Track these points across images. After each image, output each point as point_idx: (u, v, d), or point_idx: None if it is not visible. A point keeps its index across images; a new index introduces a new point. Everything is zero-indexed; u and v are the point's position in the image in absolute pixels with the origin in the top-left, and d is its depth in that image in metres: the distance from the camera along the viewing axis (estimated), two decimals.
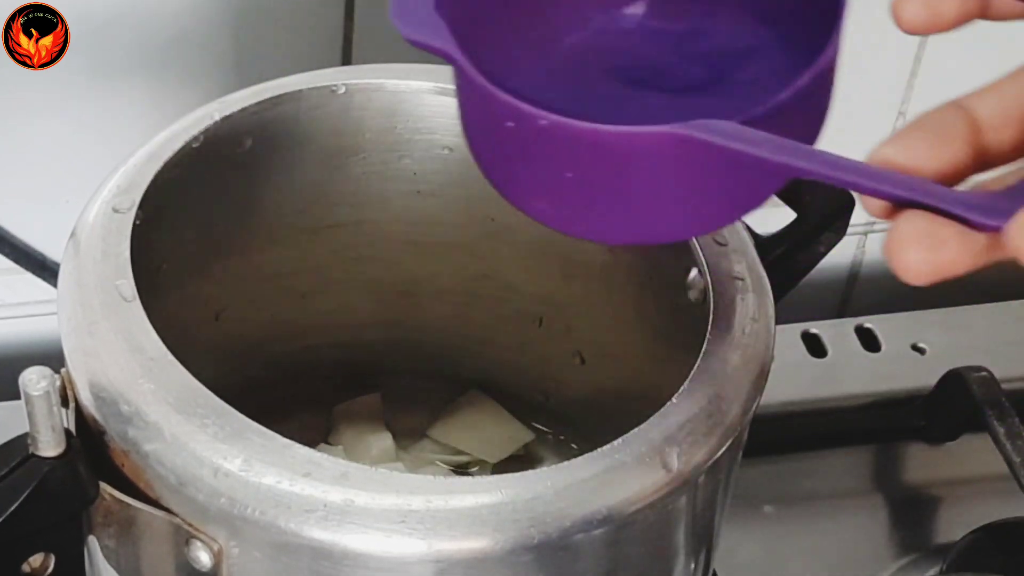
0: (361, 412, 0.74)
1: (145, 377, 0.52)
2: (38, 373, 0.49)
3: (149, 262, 0.59)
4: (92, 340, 0.54)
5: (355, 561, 0.50)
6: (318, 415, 0.74)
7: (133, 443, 0.51)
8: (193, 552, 0.51)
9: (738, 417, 0.54)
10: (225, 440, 0.51)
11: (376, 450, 0.73)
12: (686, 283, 0.62)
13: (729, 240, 0.60)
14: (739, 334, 0.57)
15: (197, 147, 0.61)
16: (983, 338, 0.88)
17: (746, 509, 0.78)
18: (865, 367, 0.86)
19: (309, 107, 0.64)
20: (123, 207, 0.58)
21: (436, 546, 0.49)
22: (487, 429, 0.74)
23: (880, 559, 0.79)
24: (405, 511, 0.49)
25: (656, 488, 0.51)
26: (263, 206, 0.67)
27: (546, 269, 0.70)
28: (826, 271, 0.93)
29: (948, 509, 0.82)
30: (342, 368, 0.75)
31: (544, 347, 0.73)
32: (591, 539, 0.51)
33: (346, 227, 0.70)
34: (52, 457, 0.51)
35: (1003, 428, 0.79)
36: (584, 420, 0.73)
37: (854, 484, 0.82)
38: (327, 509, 0.49)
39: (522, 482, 0.50)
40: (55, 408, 0.50)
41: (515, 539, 0.50)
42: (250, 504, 0.50)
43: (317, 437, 0.74)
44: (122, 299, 0.55)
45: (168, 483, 0.51)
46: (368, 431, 0.73)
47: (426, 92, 0.65)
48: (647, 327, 0.67)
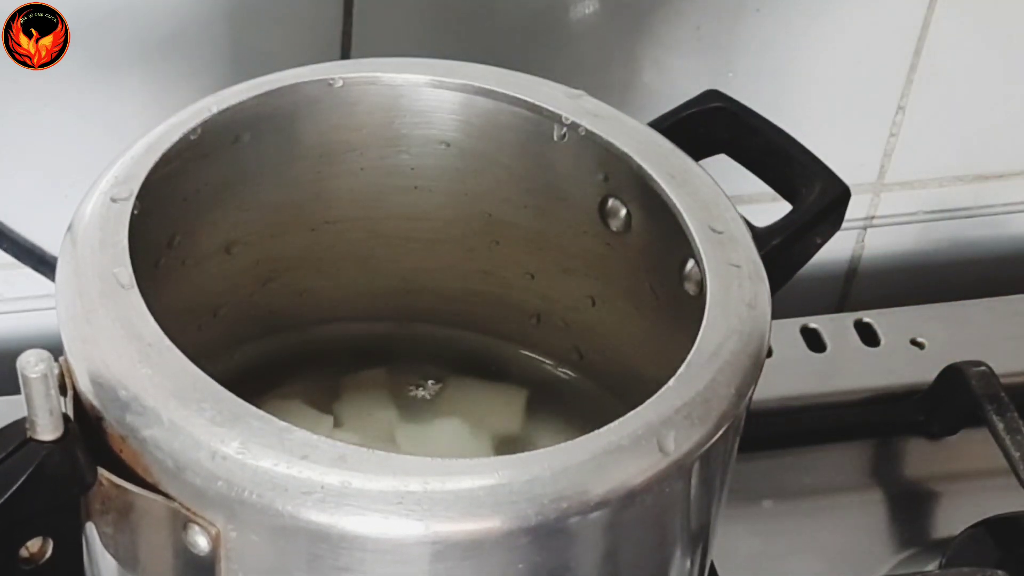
0: (367, 384, 0.74)
1: (143, 363, 0.53)
2: (36, 355, 0.50)
3: (147, 255, 0.59)
4: (90, 327, 0.54)
5: (353, 543, 0.50)
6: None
7: (131, 428, 0.51)
8: (191, 537, 0.52)
9: (735, 401, 0.54)
10: (222, 424, 0.51)
11: (381, 422, 0.72)
12: (683, 275, 0.63)
13: (725, 228, 0.60)
14: (735, 320, 0.57)
15: (195, 140, 0.61)
16: (982, 333, 0.88)
17: (745, 503, 0.78)
18: (864, 362, 0.86)
19: (306, 101, 0.64)
20: (121, 196, 0.58)
21: (434, 528, 0.49)
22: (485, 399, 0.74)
23: (879, 553, 0.79)
24: (402, 493, 0.49)
25: (653, 470, 0.52)
26: (260, 200, 0.67)
27: (543, 264, 0.70)
28: (825, 265, 0.94)
29: (947, 504, 0.82)
30: (340, 364, 0.75)
31: (542, 342, 0.73)
32: (588, 521, 0.51)
33: (343, 222, 0.70)
34: (50, 441, 0.51)
35: (1002, 423, 0.79)
36: (582, 414, 0.73)
37: (853, 479, 0.82)
38: (324, 491, 0.49)
39: (519, 464, 0.51)
40: (53, 391, 0.50)
41: (512, 521, 0.50)
42: (247, 487, 0.50)
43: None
44: (120, 287, 0.55)
45: (166, 467, 0.51)
46: (373, 404, 0.73)
47: (424, 86, 0.65)
48: (645, 320, 0.67)
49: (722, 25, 0.85)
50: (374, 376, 0.72)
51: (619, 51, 0.85)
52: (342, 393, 0.72)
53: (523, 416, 0.71)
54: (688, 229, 0.60)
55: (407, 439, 0.70)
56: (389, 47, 0.69)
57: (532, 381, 0.73)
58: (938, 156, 0.94)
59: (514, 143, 0.66)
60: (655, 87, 0.86)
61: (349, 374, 0.72)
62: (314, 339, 0.73)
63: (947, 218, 0.96)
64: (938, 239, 0.97)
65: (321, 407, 0.70)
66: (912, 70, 0.88)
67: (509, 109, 0.64)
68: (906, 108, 0.90)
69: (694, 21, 0.85)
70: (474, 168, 0.68)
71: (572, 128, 0.63)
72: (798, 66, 0.88)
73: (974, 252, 0.97)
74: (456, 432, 0.70)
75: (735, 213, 0.62)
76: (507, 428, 0.71)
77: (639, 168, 0.62)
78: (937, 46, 0.88)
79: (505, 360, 0.74)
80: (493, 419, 0.71)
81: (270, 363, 0.72)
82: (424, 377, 0.72)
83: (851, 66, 0.88)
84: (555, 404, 0.73)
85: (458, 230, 0.70)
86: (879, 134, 0.91)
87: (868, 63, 0.87)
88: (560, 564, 0.53)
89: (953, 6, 0.87)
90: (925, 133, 0.92)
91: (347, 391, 0.72)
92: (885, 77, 0.89)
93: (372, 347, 0.74)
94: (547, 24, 0.83)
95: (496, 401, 0.72)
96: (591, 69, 0.85)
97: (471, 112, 0.65)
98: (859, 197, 0.92)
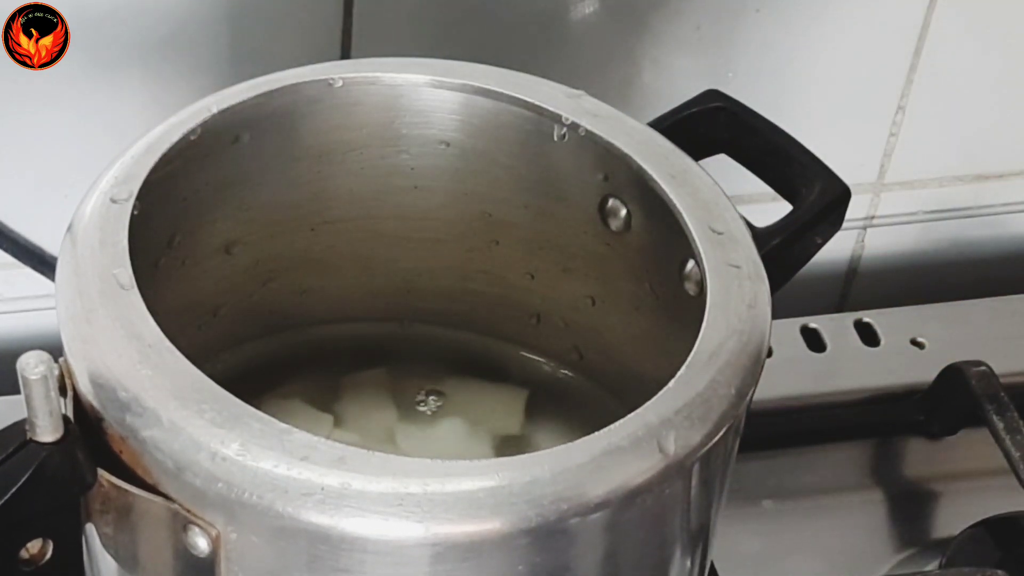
0: (367, 384, 0.74)
1: (143, 364, 0.52)
2: (36, 357, 0.50)
3: (146, 255, 0.59)
4: (90, 328, 0.54)
5: (352, 545, 0.50)
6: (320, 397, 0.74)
7: (131, 429, 0.51)
8: (191, 538, 0.52)
9: (735, 402, 0.54)
10: (222, 425, 0.51)
11: (381, 422, 0.72)
12: (683, 275, 0.63)
13: (725, 229, 0.60)
14: (735, 320, 0.57)
15: (195, 140, 0.61)
16: (982, 333, 0.88)
17: (745, 503, 0.78)
18: (864, 362, 0.86)
19: (306, 101, 0.64)
20: (121, 197, 0.58)
21: (433, 529, 0.49)
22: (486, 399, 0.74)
23: (879, 553, 0.79)
24: (402, 494, 0.49)
25: (653, 471, 0.51)
26: (260, 200, 0.67)
27: (543, 264, 0.70)
28: (825, 265, 0.94)
29: (947, 503, 0.82)
30: (340, 364, 0.75)
31: (542, 343, 0.73)
32: (588, 522, 0.51)
33: (343, 222, 0.70)
34: (50, 442, 0.51)
35: (1002, 423, 0.79)
36: (582, 415, 0.73)
37: (853, 479, 0.82)
38: (324, 493, 0.49)
39: (519, 465, 0.51)
40: (52, 393, 0.50)
41: (512, 522, 0.50)
42: (247, 488, 0.50)
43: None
44: (120, 287, 0.55)
45: (166, 468, 0.51)
46: (373, 405, 0.73)
47: (424, 86, 0.65)
48: (645, 321, 0.67)
49: (722, 25, 0.85)
50: (374, 376, 0.72)
51: (619, 51, 0.85)
52: (342, 393, 0.72)
53: (523, 416, 0.71)
54: (688, 229, 0.60)
55: (407, 439, 0.70)
56: (389, 47, 0.69)
57: (532, 381, 0.73)
58: (938, 156, 0.94)
59: (514, 143, 0.65)
60: (655, 87, 0.86)
61: (349, 374, 0.72)
62: (314, 339, 0.74)
63: (947, 218, 0.96)
64: (938, 239, 0.97)
65: (321, 407, 0.70)
66: (912, 70, 0.88)
67: (509, 109, 0.64)
68: (906, 108, 0.90)
69: (694, 21, 0.85)
70: (474, 168, 0.67)
71: (572, 128, 0.63)
72: (798, 66, 0.88)
73: (974, 252, 0.97)
74: (456, 432, 0.70)
75: (735, 213, 0.62)
76: (507, 428, 0.71)
77: (639, 168, 0.62)
78: (937, 46, 0.88)
79: (505, 360, 0.74)
80: (493, 419, 0.71)
81: (270, 363, 0.72)
82: (424, 377, 0.72)
83: (851, 66, 0.88)
84: (555, 404, 0.73)
85: (458, 230, 0.70)
86: (879, 134, 0.91)
87: (868, 63, 0.87)
88: (560, 565, 0.53)
89: (953, 6, 0.87)
90: (925, 133, 0.92)
91: (347, 391, 0.72)
92: (885, 77, 0.89)
93: (372, 347, 0.74)
94: (547, 24, 0.83)
95: (496, 402, 0.72)
96: (591, 69, 0.85)
97: (471, 112, 0.65)
98: (859, 197, 0.92)
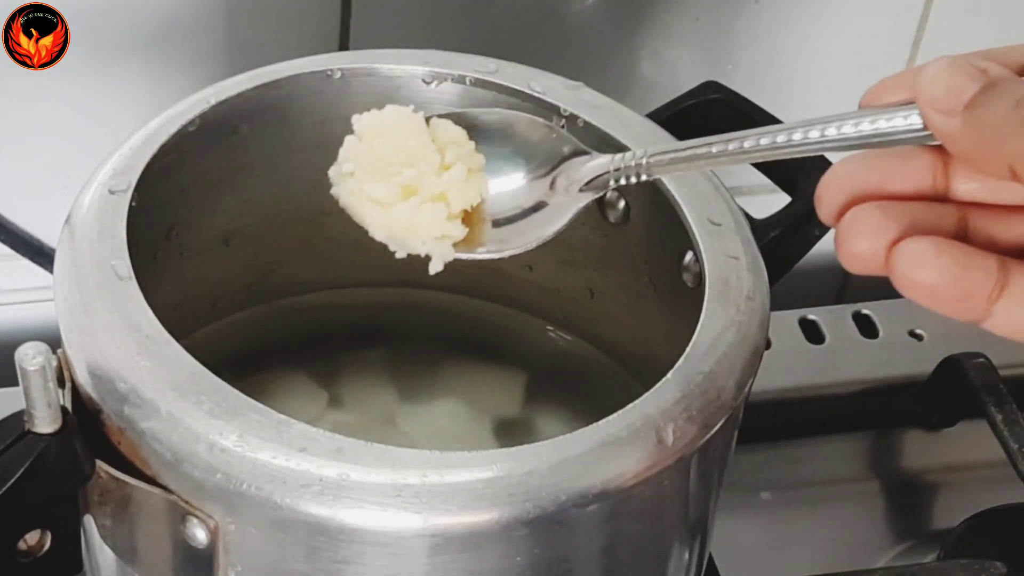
0: (366, 365, 0.74)
1: (141, 355, 0.53)
2: (34, 348, 0.50)
3: (145, 247, 0.59)
4: (88, 319, 0.54)
5: (351, 536, 0.50)
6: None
7: (129, 420, 0.51)
8: (189, 529, 0.52)
9: (733, 394, 0.54)
10: (221, 416, 0.51)
11: (380, 403, 0.72)
12: (681, 267, 0.63)
13: (724, 220, 0.60)
14: (734, 312, 0.57)
15: (193, 131, 0.61)
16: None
17: (744, 495, 0.78)
18: (863, 353, 0.86)
19: (305, 92, 0.64)
20: (119, 188, 0.58)
21: (432, 520, 0.49)
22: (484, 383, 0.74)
23: (878, 545, 0.79)
24: (401, 485, 0.49)
25: (651, 462, 0.51)
26: (259, 192, 0.67)
27: (542, 257, 0.70)
28: (823, 257, 0.93)
29: (945, 495, 0.82)
30: (339, 344, 0.74)
31: (542, 336, 0.73)
32: (586, 514, 0.51)
33: (341, 214, 0.69)
34: (48, 434, 0.51)
35: (1000, 414, 0.79)
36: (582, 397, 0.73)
37: (852, 470, 0.82)
38: (323, 484, 0.49)
39: (517, 456, 0.51)
40: (51, 384, 0.50)
41: (511, 513, 0.50)
42: (246, 480, 0.50)
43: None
44: (118, 278, 0.55)
45: (164, 460, 0.51)
46: (372, 386, 0.73)
47: (422, 78, 0.65)
48: (643, 312, 0.67)
49: (721, 16, 0.85)
50: (373, 356, 0.72)
51: (618, 42, 0.85)
52: (341, 374, 0.72)
53: (522, 398, 0.72)
54: (687, 221, 0.60)
55: (406, 420, 0.70)
56: (388, 38, 0.69)
57: (530, 355, 0.73)
58: None
59: None
60: (654, 78, 0.86)
61: (348, 354, 0.72)
62: (310, 332, 0.73)
63: None
64: None
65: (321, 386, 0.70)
66: (911, 62, 0.88)
67: (507, 100, 0.64)
68: None
69: (693, 12, 0.85)
70: None
71: (571, 119, 0.63)
72: (797, 57, 0.88)
73: None
74: (456, 414, 0.70)
75: (734, 205, 0.62)
76: (506, 410, 0.71)
77: None
78: (936, 38, 0.87)
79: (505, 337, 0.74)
80: (492, 401, 0.71)
81: (268, 345, 0.72)
82: (424, 358, 0.72)
83: (850, 57, 0.88)
84: (555, 386, 0.73)
85: None
86: None
87: (867, 54, 0.87)
88: (558, 556, 0.53)
89: None
90: None
91: (346, 372, 0.72)
92: (884, 69, 0.88)
93: (372, 329, 0.74)
94: (546, 15, 0.83)
95: (495, 383, 0.72)
96: (590, 60, 0.85)
97: (470, 103, 0.65)
98: None
